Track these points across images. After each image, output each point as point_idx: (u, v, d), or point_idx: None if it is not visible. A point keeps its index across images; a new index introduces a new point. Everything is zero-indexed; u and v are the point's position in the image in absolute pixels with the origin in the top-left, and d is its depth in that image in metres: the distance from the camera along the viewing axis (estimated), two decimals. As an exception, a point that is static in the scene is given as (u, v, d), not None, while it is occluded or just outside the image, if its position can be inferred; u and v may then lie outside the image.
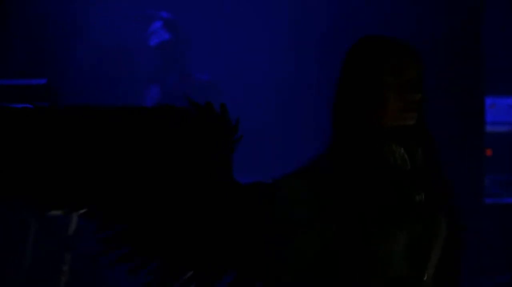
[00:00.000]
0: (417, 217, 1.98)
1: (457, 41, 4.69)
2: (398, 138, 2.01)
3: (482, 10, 4.76)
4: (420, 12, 4.63)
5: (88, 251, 2.13)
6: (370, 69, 1.97)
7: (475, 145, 4.82)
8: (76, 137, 2.01)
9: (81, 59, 4.51)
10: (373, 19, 4.52)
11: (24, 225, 3.95)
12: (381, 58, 1.97)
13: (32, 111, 2.03)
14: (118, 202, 2.01)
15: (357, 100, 1.98)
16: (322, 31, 4.63)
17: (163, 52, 4.55)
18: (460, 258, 2.08)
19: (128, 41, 4.69)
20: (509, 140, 5.65)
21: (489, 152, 5.33)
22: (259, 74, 4.63)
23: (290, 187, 1.99)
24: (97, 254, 2.00)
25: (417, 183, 2.01)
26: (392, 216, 1.95)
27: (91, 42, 4.60)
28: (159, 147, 2.01)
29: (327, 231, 1.94)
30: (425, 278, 2.00)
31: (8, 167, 2.00)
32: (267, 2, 4.71)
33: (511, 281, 4.90)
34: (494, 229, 4.88)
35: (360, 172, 1.96)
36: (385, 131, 1.99)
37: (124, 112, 2.05)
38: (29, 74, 4.52)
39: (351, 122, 1.98)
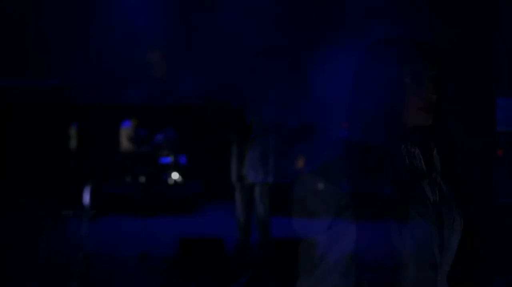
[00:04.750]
0: (432, 217, 1.97)
1: (469, 41, 4.68)
2: (414, 138, 2.00)
3: (495, 11, 4.75)
4: (432, 13, 4.62)
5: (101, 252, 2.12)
6: (389, 70, 1.96)
7: (488, 146, 4.81)
8: (88, 138, 2.01)
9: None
10: (383, 19, 4.52)
11: (37, 225, 3.97)
12: (401, 60, 1.96)
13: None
14: (133, 200, 2.01)
15: (374, 100, 1.97)
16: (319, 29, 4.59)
17: None
18: (477, 257, 2.07)
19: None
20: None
21: (500, 152, 5.32)
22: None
23: (307, 182, 1.99)
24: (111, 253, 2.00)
25: (431, 183, 2.00)
26: (406, 215, 1.95)
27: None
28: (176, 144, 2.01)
29: (344, 227, 1.94)
30: (439, 278, 2.00)
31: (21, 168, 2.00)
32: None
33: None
34: (509, 228, 4.87)
35: (375, 171, 1.96)
36: (401, 131, 1.98)
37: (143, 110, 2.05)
38: (41, 75, 4.53)
39: (368, 121, 1.98)
